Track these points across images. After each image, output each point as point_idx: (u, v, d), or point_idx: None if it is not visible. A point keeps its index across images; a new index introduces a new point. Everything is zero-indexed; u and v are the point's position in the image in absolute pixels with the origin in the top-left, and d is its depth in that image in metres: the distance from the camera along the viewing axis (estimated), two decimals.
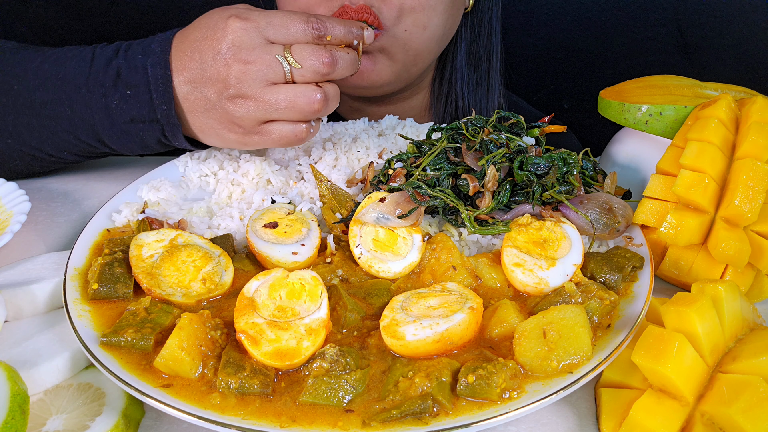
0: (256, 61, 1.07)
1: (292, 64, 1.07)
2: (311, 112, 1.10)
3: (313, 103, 1.08)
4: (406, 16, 1.34)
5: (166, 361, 0.80)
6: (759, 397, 0.73)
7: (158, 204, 1.17)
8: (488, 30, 1.57)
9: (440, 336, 0.83)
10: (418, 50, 1.41)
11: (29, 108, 1.21)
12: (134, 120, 1.17)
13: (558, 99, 2.35)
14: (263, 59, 1.07)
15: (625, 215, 1.06)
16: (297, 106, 1.08)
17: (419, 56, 1.43)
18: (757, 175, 0.98)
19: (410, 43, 1.38)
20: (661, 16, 2.17)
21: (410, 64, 1.43)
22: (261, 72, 1.07)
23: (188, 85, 1.12)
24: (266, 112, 1.09)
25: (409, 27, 1.35)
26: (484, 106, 1.60)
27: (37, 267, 1.02)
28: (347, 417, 0.77)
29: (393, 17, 1.33)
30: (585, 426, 0.84)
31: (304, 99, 1.08)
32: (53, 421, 0.79)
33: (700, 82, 1.28)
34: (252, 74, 1.07)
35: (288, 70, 1.07)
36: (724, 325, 0.82)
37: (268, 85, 1.08)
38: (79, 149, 1.26)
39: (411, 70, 1.46)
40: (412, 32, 1.36)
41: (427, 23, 1.37)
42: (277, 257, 1.00)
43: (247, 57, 1.07)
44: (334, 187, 1.15)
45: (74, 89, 1.18)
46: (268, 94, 1.08)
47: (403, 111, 1.63)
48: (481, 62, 1.59)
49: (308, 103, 1.08)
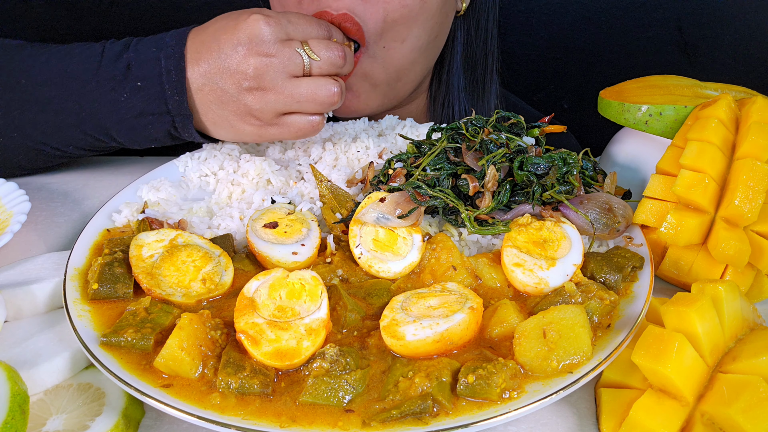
0: (278, 54, 1.10)
1: (311, 57, 1.12)
2: (330, 103, 1.14)
3: (332, 95, 1.13)
4: (388, 30, 1.30)
5: (166, 361, 0.80)
6: (759, 397, 0.73)
7: (158, 204, 1.17)
8: (484, 33, 1.55)
9: (440, 336, 0.83)
10: (399, 65, 1.37)
11: (35, 103, 1.22)
12: (144, 113, 1.18)
13: (558, 99, 2.35)
14: (284, 52, 1.10)
15: (625, 215, 1.06)
16: (318, 98, 1.13)
17: (401, 71, 1.39)
18: (757, 175, 0.98)
19: (389, 59, 1.35)
20: (661, 16, 2.17)
21: (394, 81, 1.40)
22: (282, 65, 1.10)
23: (203, 78, 1.13)
24: (286, 104, 1.13)
25: (387, 43, 1.32)
26: (480, 107, 1.59)
27: (37, 267, 1.02)
28: (347, 417, 0.77)
29: (377, 29, 1.29)
30: (585, 426, 0.84)
31: (325, 91, 1.13)
32: (53, 421, 0.79)
33: (700, 82, 1.28)
34: (274, 67, 1.10)
35: (308, 62, 1.12)
36: (724, 325, 0.82)
37: (289, 78, 1.12)
38: (85, 143, 1.26)
39: (397, 87, 1.43)
40: (389, 47, 1.33)
41: (406, 36, 1.33)
42: (277, 257, 1.00)
43: (268, 50, 1.10)
44: (334, 187, 1.15)
45: (81, 84, 1.19)
46: (289, 86, 1.12)
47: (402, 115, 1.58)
48: (478, 65, 1.57)
49: (328, 95, 1.13)
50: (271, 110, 1.13)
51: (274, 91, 1.12)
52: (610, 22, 2.20)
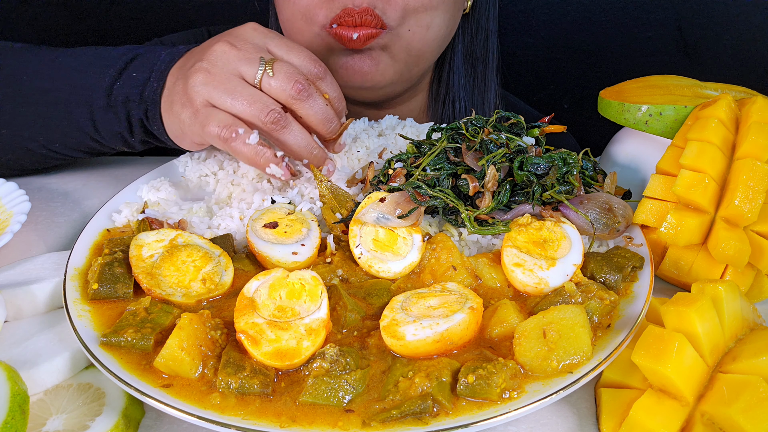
0: (242, 50, 1.07)
1: (266, 70, 1.05)
2: (260, 120, 1.05)
3: (266, 112, 1.04)
4: (410, 17, 1.34)
5: (166, 361, 0.80)
6: (759, 397, 0.73)
7: (158, 204, 1.17)
8: (485, 31, 1.58)
9: (440, 336, 0.83)
10: (421, 50, 1.41)
11: (29, 96, 1.24)
12: (128, 99, 1.19)
13: (558, 99, 2.35)
14: (247, 50, 1.07)
15: (625, 215, 1.06)
16: (252, 107, 1.04)
17: (421, 56, 1.43)
18: (757, 175, 0.98)
19: (413, 43, 1.38)
20: (661, 16, 2.17)
21: (412, 65, 1.43)
22: (238, 59, 1.06)
23: (178, 71, 1.13)
24: (218, 94, 1.05)
25: (413, 27, 1.35)
26: (480, 107, 1.61)
27: (37, 267, 1.02)
28: (347, 417, 0.77)
29: (397, 18, 1.32)
30: (585, 426, 0.84)
31: (261, 104, 1.04)
32: (53, 421, 0.79)
33: (700, 82, 1.28)
34: (230, 56, 1.07)
35: (260, 73, 1.05)
36: (724, 325, 0.82)
37: (236, 75, 1.06)
38: (70, 137, 1.27)
39: (412, 71, 1.45)
40: (415, 32, 1.36)
41: (430, 23, 1.37)
42: (277, 257, 1.00)
43: (236, 42, 1.08)
44: (334, 187, 1.15)
45: (81, 74, 1.21)
46: (233, 81, 1.06)
47: (402, 113, 1.62)
48: (478, 63, 1.60)
49: (262, 108, 1.04)
50: (203, 93, 1.06)
51: (215, 78, 1.06)
52: (610, 23, 2.20)
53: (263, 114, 1.04)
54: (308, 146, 1.10)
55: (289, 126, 1.07)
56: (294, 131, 1.08)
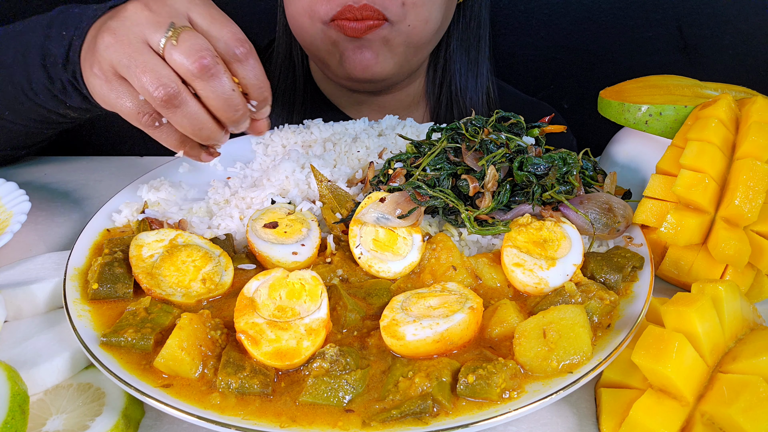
0: (155, 11, 0.97)
1: (170, 37, 0.94)
2: (148, 94, 0.95)
3: (156, 86, 0.93)
4: (410, 11, 1.39)
5: (166, 361, 0.80)
6: (759, 397, 0.73)
7: (158, 204, 1.17)
8: (478, 19, 1.66)
9: (440, 336, 0.83)
10: (419, 43, 1.48)
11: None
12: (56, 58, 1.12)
13: (558, 99, 2.35)
14: (160, 14, 0.96)
15: (625, 215, 1.06)
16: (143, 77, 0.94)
17: (420, 49, 1.50)
18: (757, 175, 0.98)
19: (412, 36, 1.44)
20: (661, 16, 2.17)
21: (411, 56, 1.50)
22: (147, 23, 0.96)
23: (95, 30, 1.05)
24: (119, 59, 0.96)
25: (413, 22, 1.41)
26: (473, 90, 1.69)
27: (37, 267, 1.02)
28: (347, 417, 0.77)
29: (397, 12, 1.38)
30: (585, 426, 0.84)
31: (152, 76, 0.94)
32: (53, 421, 0.79)
33: (700, 82, 1.28)
34: (140, 19, 0.96)
35: (164, 40, 0.94)
36: (724, 325, 0.82)
37: (142, 40, 0.96)
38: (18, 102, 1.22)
39: (411, 61, 1.53)
40: (415, 26, 1.42)
41: (428, 17, 1.43)
42: (277, 257, 1.00)
43: (152, 4, 0.98)
44: (334, 187, 1.15)
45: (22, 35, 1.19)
46: (133, 46, 0.95)
47: (401, 98, 1.71)
48: (471, 49, 1.68)
49: (152, 81, 0.93)
50: (107, 57, 0.97)
51: (120, 39, 0.96)
52: (610, 22, 2.20)
53: (152, 87, 0.94)
54: (199, 132, 1.00)
55: (183, 107, 0.96)
56: (187, 113, 0.97)
